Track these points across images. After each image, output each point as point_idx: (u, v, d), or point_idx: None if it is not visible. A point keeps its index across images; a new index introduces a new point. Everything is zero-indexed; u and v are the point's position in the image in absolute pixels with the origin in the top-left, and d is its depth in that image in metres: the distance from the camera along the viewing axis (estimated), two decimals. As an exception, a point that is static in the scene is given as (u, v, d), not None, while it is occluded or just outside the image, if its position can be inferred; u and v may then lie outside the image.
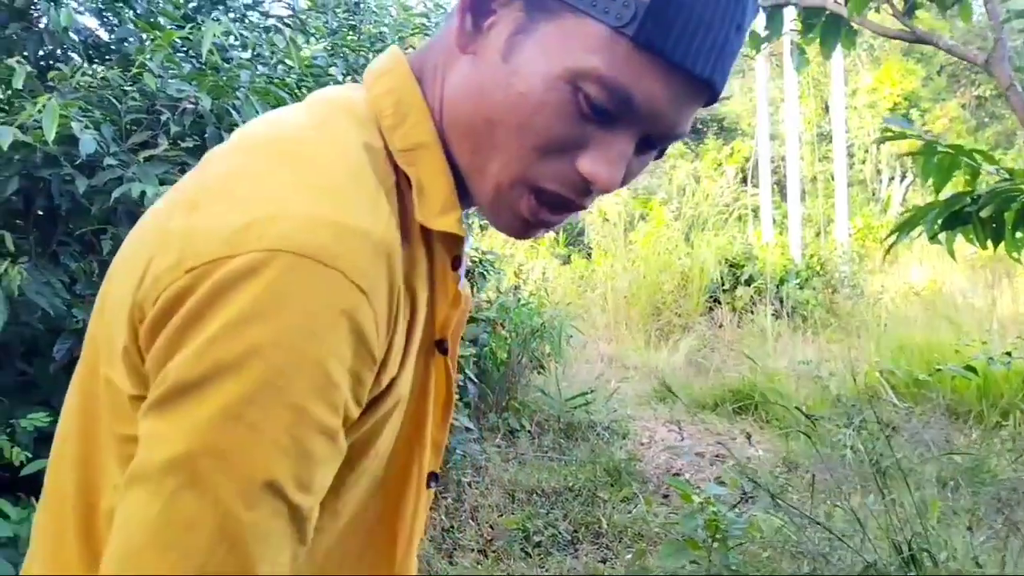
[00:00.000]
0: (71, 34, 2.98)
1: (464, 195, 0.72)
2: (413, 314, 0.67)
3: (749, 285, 9.63)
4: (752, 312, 9.25)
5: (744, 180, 15.56)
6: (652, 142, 0.70)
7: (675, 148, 17.04)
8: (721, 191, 14.07)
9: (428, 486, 0.79)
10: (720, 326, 9.08)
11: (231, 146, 0.68)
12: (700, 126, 18.12)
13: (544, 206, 0.70)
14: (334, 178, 0.62)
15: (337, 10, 4.60)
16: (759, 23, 3.39)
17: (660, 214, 11.84)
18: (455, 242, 0.71)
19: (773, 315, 8.98)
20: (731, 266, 9.90)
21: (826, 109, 15.76)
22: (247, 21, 3.97)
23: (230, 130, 2.67)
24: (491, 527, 3.70)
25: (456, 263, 0.72)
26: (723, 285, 9.66)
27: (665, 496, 4.28)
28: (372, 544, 0.74)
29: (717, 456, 5.09)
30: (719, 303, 9.49)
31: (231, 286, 0.55)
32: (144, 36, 3.00)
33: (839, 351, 7.45)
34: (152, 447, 0.55)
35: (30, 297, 2.41)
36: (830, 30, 3.05)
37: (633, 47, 0.62)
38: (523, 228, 0.72)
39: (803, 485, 4.48)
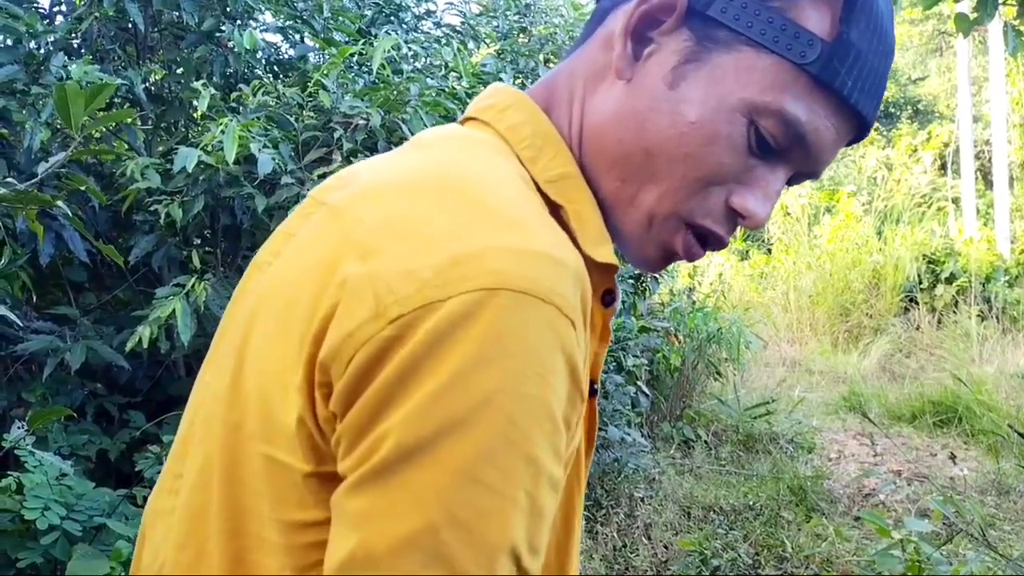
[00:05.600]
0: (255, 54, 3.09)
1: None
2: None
3: (950, 283, 8.94)
4: (954, 313, 8.55)
5: (943, 167, 14.44)
6: (792, 181, 0.69)
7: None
8: (917, 180, 13.10)
9: None
10: (917, 328, 8.45)
11: (366, 193, 0.60)
12: (892, 109, 16.90)
13: (696, 240, 0.68)
14: (514, 208, 0.57)
15: (508, 13, 4.56)
16: (966, 4, 3.02)
17: (848, 206, 11.13)
18: (610, 274, 0.67)
19: (978, 316, 8.24)
20: (929, 262, 9.23)
21: (1039, 87, 14.30)
22: (420, 32, 4.00)
23: (399, 143, 2.66)
24: (665, 547, 3.55)
25: (609, 298, 0.68)
26: (920, 283, 9.01)
27: (857, 519, 3.96)
28: None
29: (916, 475, 4.67)
30: (916, 303, 8.84)
31: (449, 332, 0.49)
32: (322, 52, 3.07)
33: (1058, 358, 6.74)
34: (374, 526, 0.49)
35: (215, 312, 2.50)
36: (1057, 7, 2.66)
37: (814, 84, 0.62)
38: (664, 261, 0.70)
39: (1017, 513, 4.04)
